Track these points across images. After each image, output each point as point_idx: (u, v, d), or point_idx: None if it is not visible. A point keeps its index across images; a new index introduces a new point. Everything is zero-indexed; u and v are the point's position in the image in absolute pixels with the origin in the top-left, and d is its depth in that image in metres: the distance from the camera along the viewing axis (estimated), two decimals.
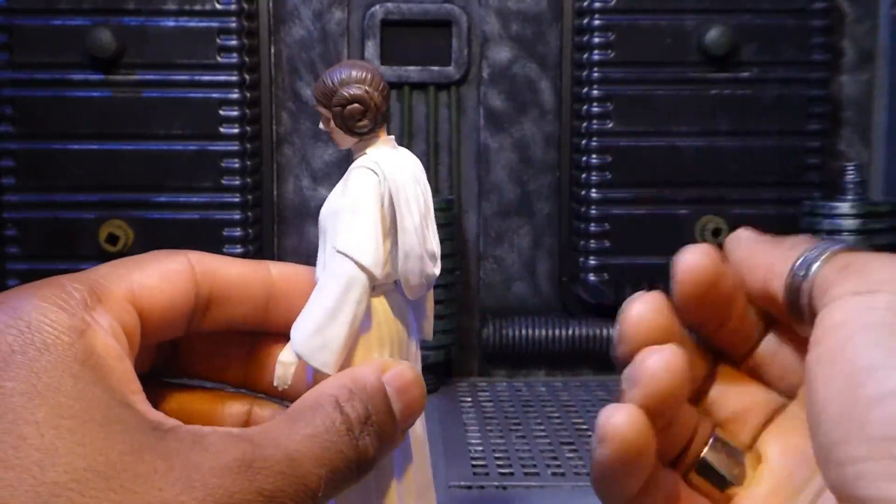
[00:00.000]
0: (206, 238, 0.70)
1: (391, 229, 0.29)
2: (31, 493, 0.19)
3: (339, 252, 0.27)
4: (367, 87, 0.28)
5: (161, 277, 0.27)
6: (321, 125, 0.30)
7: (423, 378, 0.28)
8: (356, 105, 0.28)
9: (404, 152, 0.30)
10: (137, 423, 0.21)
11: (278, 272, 0.29)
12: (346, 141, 0.29)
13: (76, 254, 0.70)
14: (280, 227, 0.75)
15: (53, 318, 0.23)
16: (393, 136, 0.30)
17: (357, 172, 0.28)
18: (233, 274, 0.28)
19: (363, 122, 0.28)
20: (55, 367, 0.22)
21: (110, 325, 0.24)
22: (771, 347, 0.28)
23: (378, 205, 0.28)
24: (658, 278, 0.71)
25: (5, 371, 0.21)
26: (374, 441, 0.25)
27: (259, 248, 0.72)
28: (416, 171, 0.30)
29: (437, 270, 0.29)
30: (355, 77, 0.28)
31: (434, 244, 0.29)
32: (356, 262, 0.27)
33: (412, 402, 0.27)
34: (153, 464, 0.20)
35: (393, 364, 0.27)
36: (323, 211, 0.29)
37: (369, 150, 0.29)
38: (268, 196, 0.74)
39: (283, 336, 0.28)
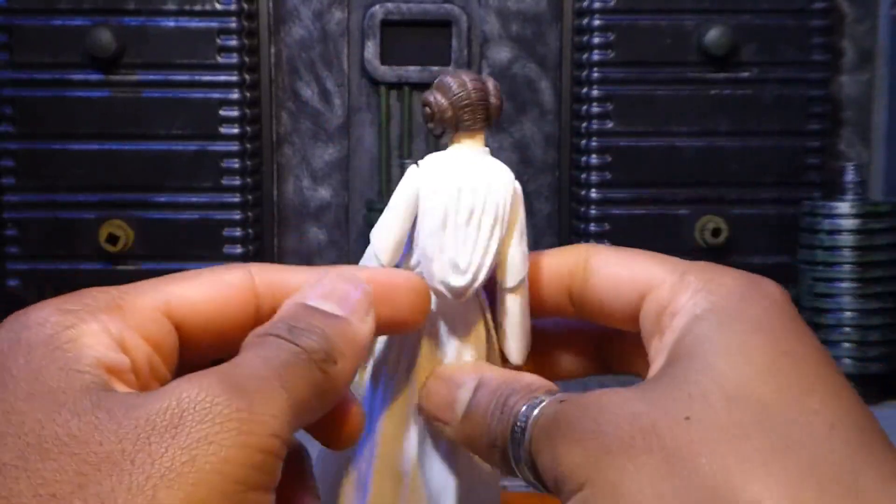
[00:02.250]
0: (206, 238, 0.70)
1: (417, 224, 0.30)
2: None
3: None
4: (438, 95, 0.29)
5: (208, 290, 0.26)
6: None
7: None
8: (426, 109, 0.30)
9: (476, 161, 0.30)
10: (86, 386, 0.22)
11: (369, 278, 0.28)
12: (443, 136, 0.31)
13: (76, 254, 0.70)
14: (280, 227, 0.75)
15: (45, 317, 0.23)
16: (485, 148, 0.31)
17: (409, 167, 0.30)
18: (297, 283, 0.27)
19: (431, 124, 0.30)
20: (26, 358, 0.22)
21: (115, 329, 0.24)
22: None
23: (406, 198, 0.29)
24: None
25: None
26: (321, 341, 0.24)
27: (259, 248, 0.72)
28: (473, 182, 0.30)
29: (455, 283, 0.29)
30: (444, 84, 0.30)
31: (458, 255, 0.29)
32: (376, 256, 0.29)
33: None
34: (94, 421, 0.21)
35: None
36: None
37: (441, 152, 0.30)
38: (268, 196, 0.74)
39: None
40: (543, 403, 0.26)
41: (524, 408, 0.26)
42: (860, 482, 0.21)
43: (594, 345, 0.33)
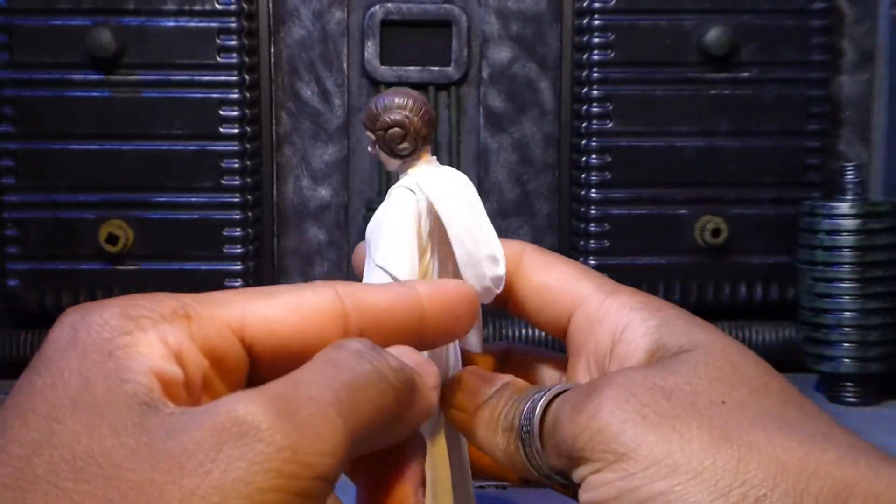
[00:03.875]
0: (206, 238, 0.70)
1: (433, 243, 0.30)
2: (12, 488, 0.19)
3: (377, 266, 0.29)
4: (407, 113, 0.30)
5: (289, 310, 0.24)
6: (369, 148, 0.31)
7: None
8: (396, 129, 0.30)
9: (446, 170, 0.31)
10: (130, 401, 0.20)
11: (426, 292, 0.27)
12: (391, 163, 0.31)
13: (76, 254, 0.70)
14: (280, 227, 0.75)
15: (106, 320, 0.22)
16: (435, 158, 0.32)
17: (395, 192, 0.30)
18: (383, 301, 0.26)
19: (403, 144, 0.30)
20: (79, 362, 0.21)
21: (175, 339, 0.22)
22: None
23: (413, 221, 0.30)
24: (658, 278, 0.71)
25: (43, 367, 0.22)
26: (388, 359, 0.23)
27: (259, 248, 0.72)
28: (457, 186, 0.31)
29: (499, 271, 0.30)
30: (397, 104, 0.30)
31: (492, 246, 0.30)
32: (391, 276, 0.29)
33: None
34: (131, 443, 0.20)
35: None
36: (368, 227, 0.31)
37: (410, 171, 0.31)
38: (268, 196, 0.74)
39: None
40: (548, 393, 0.26)
41: (535, 394, 0.27)
42: (834, 432, 0.23)
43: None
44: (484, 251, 0.30)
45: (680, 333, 0.26)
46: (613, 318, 0.28)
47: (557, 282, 0.30)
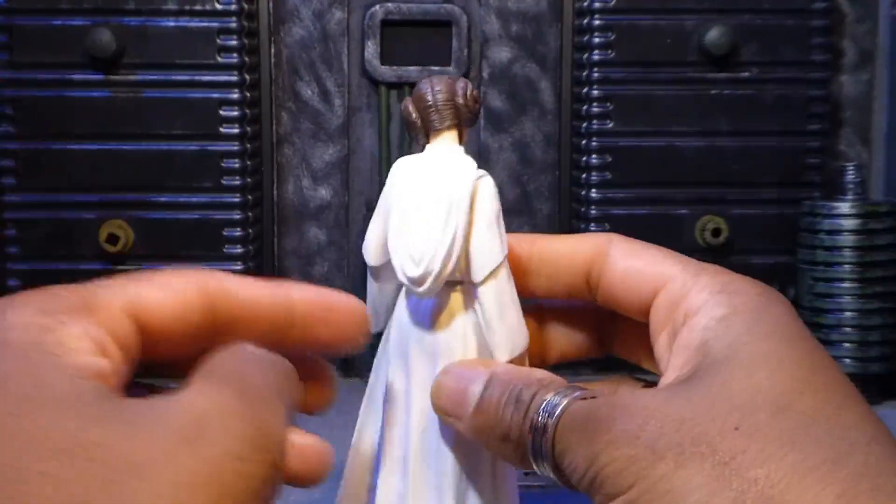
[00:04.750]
0: (206, 238, 0.70)
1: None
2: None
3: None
4: (409, 102, 0.31)
5: (166, 293, 0.26)
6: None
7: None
8: (404, 115, 0.32)
9: (442, 158, 0.31)
10: (96, 395, 0.21)
11: (300, 296, 0.28)
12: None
13: (76, 254, 0.70)
14: (280, 227, 0.75)
15: (27, 319, 0.23)
16: (452, 142, 0.32)
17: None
18: (250, 294, 0.28)
19: (409, 130, 0.32)
20: (19, 363, 0.22)
21: (94, 332, 0.24)
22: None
23: (382, 197, 0.31)
24: None
25: None
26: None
27: (259, 248, 0.72)
28: (430, 177, 0.31)
29: (411, 273, 0.30)
30: (414, 91, 0.31)
31: (412, 247, 0.30)
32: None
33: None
34: (116, 429, 0.21)
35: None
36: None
37: (427, 146, 0.32)
38: (268, 196, 0.74)
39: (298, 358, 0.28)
40: (565, 401, 0.26)
41: (543, 403, 0.27)
42: None
43: (593, 327, 0.33)
44: (404, 247, 0.30)
45: (733, 335, 0.26)
46: (690, 301, 0.28)
47: (643, 265, 0.30)
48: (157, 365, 0.27)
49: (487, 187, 0.30)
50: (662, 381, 0.27)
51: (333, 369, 0.30)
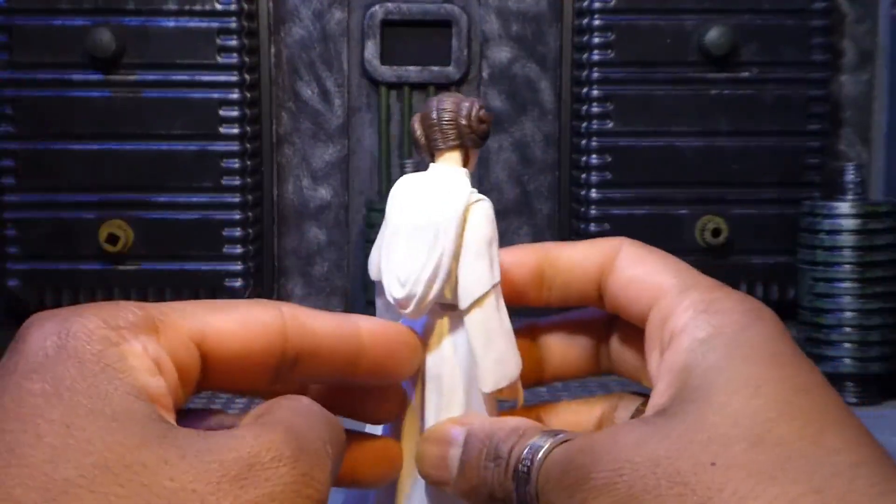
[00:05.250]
0: (206, 238, 0.70)
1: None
2: (41, 490, 0.20)
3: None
4: (417, 122, 0.31)
5: (241, 325, 0.26)
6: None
7: None
8: (410, 133, 0.32)
9: (439, 179, 0.31)
10: (149, 416, 0.22)
11: (367, 328, 0.28)
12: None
13: (76, 254, 0.70)
14: (280, 227, 0.75)
15: (92, 330, 0.23)
16: (454, 163, 0.31)
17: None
18: (323, 329, 0.27)
19: (416, 148, 0.32)
20: (79, 371, 0.22)
21: (153, 350, 0.24)
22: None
23: (385, 215, 0.31)
24: None
25: (35, 374, 0.22)
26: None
27: (259, 248, 0.72)
28: (422, 199, 0.30)
29: (396, 294, 0.29)
30: (423, 108, 0.31)
31: (398, 268, 0.30)
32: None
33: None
34: (164, 454, 0.21)
35: None
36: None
37: (432, 165, 0.31)
38: (268, 196, 0.74)
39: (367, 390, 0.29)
40: (544, 448, 0.26)
41: (523, 453, 0.26)
42: None
43: (591, 344, 0.33)
44: (391, 268, 0.29)
45: (712, 359, 0.25)
46: (675, 319, 0.27)
47: (644, 275, 0.29)
48: (223, 389, 0.27)
49: (481, 212, 0.29)
50: (649, 405, 0.27)
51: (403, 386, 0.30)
